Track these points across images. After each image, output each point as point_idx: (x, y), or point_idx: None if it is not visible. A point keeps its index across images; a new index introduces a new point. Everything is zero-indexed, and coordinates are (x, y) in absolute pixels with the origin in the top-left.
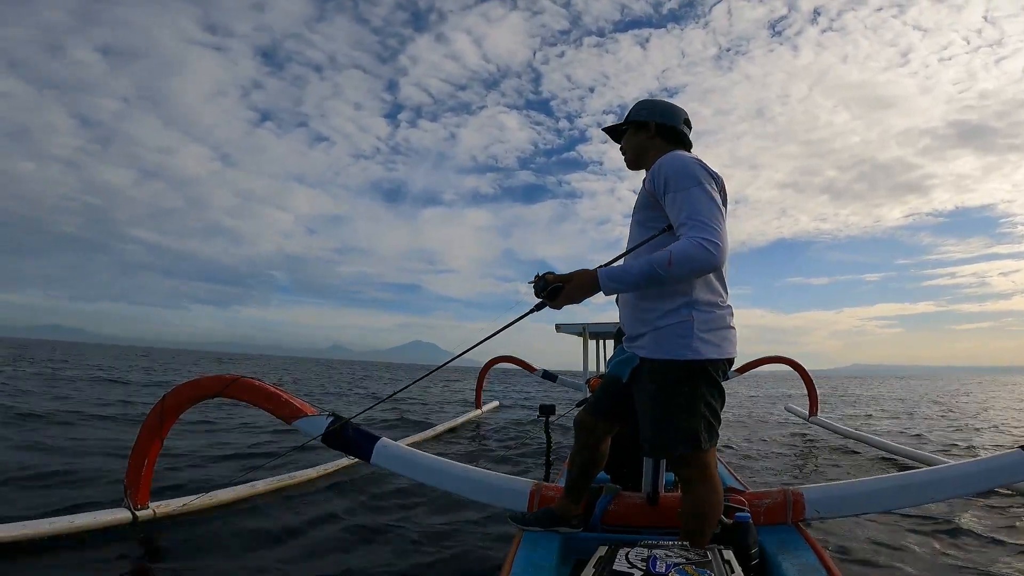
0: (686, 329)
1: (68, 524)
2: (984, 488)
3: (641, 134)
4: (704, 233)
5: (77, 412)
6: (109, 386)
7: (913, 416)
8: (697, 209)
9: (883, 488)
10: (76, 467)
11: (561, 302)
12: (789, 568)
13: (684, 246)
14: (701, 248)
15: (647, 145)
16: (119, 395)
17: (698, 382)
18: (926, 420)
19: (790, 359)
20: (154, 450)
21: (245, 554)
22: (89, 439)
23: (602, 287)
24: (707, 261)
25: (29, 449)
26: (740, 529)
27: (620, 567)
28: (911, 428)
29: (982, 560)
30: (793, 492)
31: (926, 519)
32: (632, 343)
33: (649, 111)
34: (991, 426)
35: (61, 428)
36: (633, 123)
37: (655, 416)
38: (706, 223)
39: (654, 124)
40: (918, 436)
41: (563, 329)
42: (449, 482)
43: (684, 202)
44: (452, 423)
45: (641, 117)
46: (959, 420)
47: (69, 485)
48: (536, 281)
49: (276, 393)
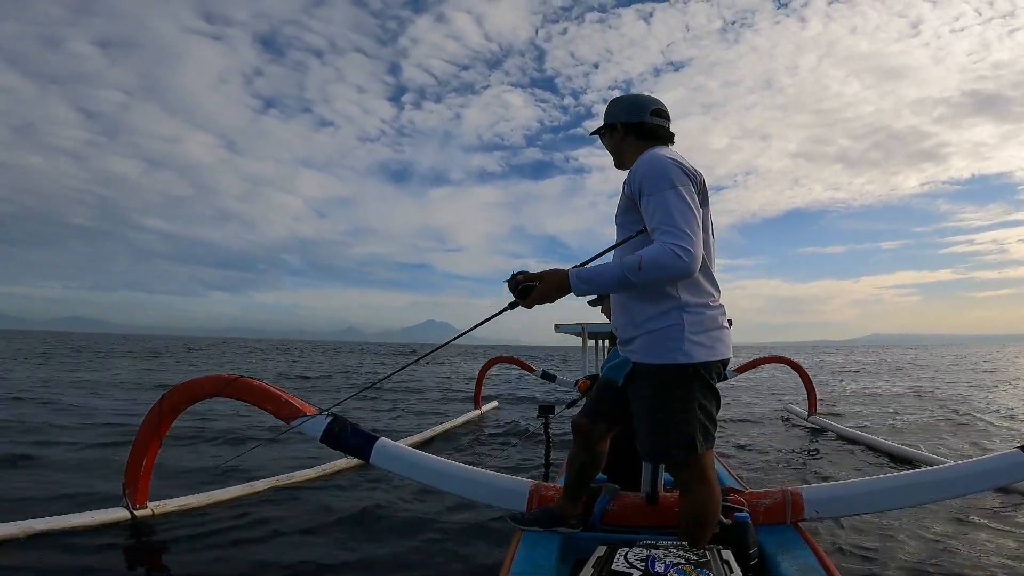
0: (676, 332)
1: (66, 523)
2: (984, 488)
3: (614, 136)
4: (676, 239)
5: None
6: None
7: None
8: (670, 213)
9: (882, 488)
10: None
11: (532, 301)
12: (788, 568)
13: (655, 252)
14: (672, 255)
15: (621, 147)
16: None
17: (691, 386)
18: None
19: (789, 359)
20: (152, 450)
21: (244, 553)
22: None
23: (573, 288)
24: (678, 268)
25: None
26: (739, 529)
27: (619, 567)
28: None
29: (982, 560)
30: (792, 492)
31: (926, 519)
32: (624, 347)
33: (615, 111)
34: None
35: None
36: (606, 126)
37: (650, 421)
38: (678, 229)
39: (620, 125)
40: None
41: (562, 329)
42: (448, 482)
43: (657, 206)
44: (451, 423)
45: (609, 119)
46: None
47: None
48: (509, 281)
49: (275, 393)
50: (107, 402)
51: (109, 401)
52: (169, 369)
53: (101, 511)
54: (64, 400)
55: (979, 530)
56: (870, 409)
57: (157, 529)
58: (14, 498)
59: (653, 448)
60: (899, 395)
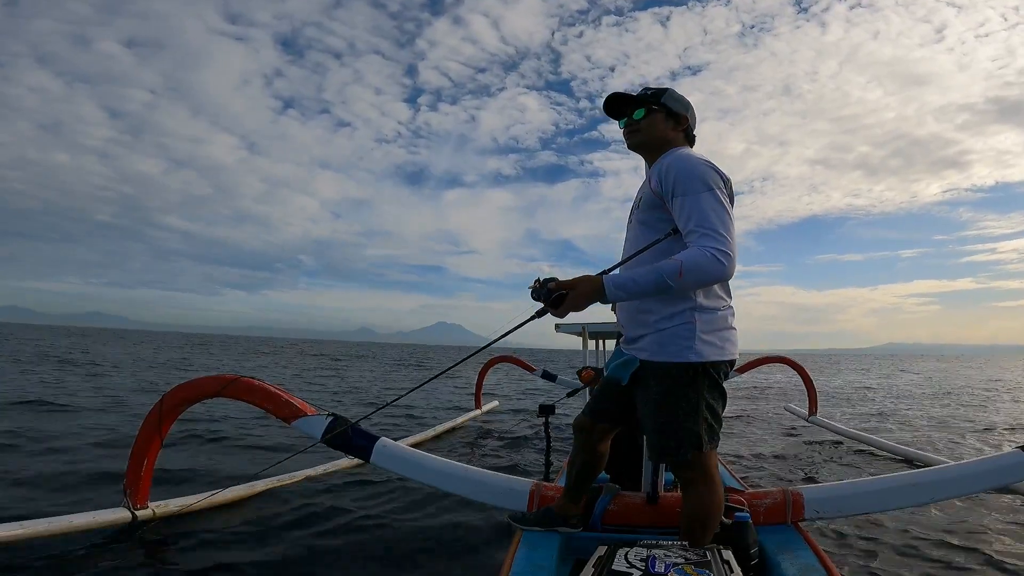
0: (688, 331)
1: (67, 524)
2: (984, 488)
3: (655, 119)
4: (715, 243)
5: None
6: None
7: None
8: (707, 216)
9: (882, 488)
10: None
11: (564, 310)
12: (788, 568)
13: (695, 256)
14: (713, 259)
15: (656, 133)
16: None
17: (700, 384)
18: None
19: (790, 359)
20: (153, 450)
21: (245, 554)
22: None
23: (608, 296)
24: (718, 272)
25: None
26: (739, 529)
27: (619, 567)
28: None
29: (981, 560)
30: (793, 492)
31: (925, 519)
32: (631, 345)
33: (686, 107)
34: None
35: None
36: (667, 109)
37: (659, 419)
38: (717, 232)
39: (667, 111)
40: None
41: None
42: (448, 482)
43: (694, 208)
44: (452, 423)
45: (679, 109)
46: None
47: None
48: (536, 287)
49: (276, 393)
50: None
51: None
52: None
53: (102, 511)
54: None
55: (980, 530)
56: (870, 408)
57: (158, 530)
58: (14, 498)
59: (661, 446)
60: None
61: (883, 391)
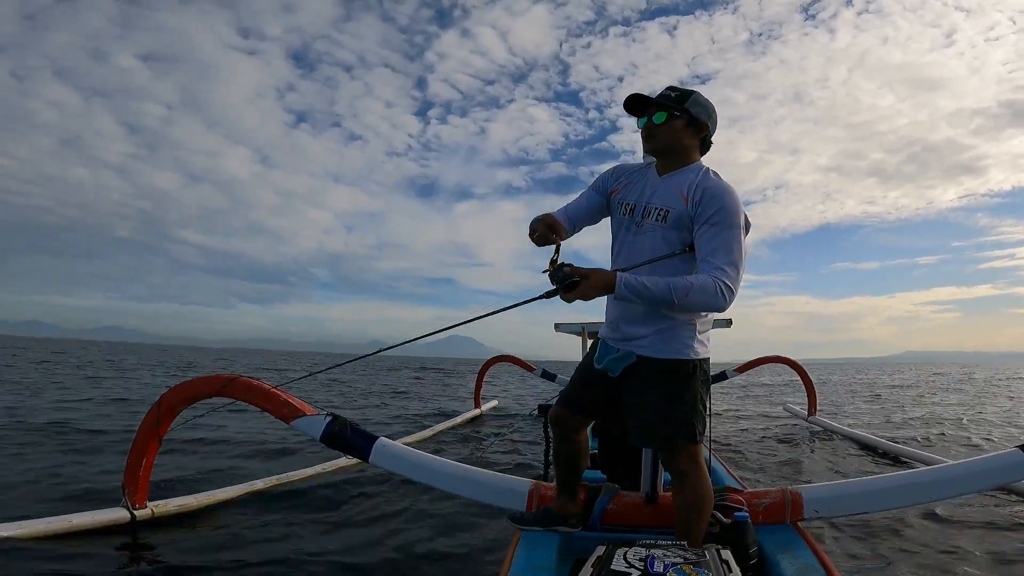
0: (688, 330)
1: (66, 523)
2: (983, 488)
3: (676, 125)
4: (729, 280)
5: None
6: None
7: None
8: (734, 254)
9: (882, 488)
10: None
11: (575, 296)
12: (788, 568)
13: (706, 284)
14: (719, 293)
15: (689, 146)
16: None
17: (697, 380)
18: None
19: (789, 359)
20: (152, 450)
21: (244, 554)
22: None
23: (617, 293)
24: (718, 305)
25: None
26: (738, 529)
27: (618, 567)
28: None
29: (981, 560)
30: (792, 492)
31: (925, 519)
32: (628, 342)
33: (709, 115)
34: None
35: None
36: (690, 115)
37: (665, 412)
38: (736, 270)
39: (691, 118)
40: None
41: (562, 328)
42: (447, 482)
43: (725, 241)
44: (451, 422)
45: (702, 117)
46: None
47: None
48: (553, 269)
49: (274, 393)
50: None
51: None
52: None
53: (101, 511)
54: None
55: (979, 530)
56: (870, 407)
57: (157, 529)
58: (15, 497)
59: (666, 435)
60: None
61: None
